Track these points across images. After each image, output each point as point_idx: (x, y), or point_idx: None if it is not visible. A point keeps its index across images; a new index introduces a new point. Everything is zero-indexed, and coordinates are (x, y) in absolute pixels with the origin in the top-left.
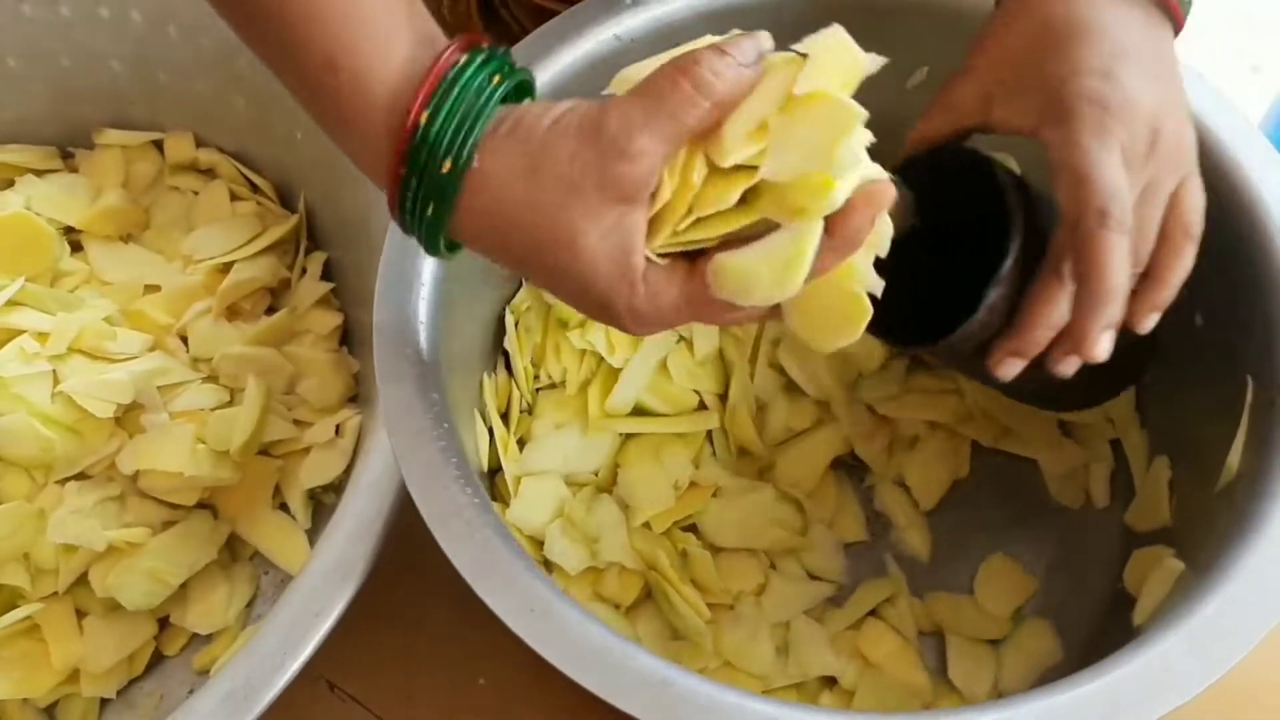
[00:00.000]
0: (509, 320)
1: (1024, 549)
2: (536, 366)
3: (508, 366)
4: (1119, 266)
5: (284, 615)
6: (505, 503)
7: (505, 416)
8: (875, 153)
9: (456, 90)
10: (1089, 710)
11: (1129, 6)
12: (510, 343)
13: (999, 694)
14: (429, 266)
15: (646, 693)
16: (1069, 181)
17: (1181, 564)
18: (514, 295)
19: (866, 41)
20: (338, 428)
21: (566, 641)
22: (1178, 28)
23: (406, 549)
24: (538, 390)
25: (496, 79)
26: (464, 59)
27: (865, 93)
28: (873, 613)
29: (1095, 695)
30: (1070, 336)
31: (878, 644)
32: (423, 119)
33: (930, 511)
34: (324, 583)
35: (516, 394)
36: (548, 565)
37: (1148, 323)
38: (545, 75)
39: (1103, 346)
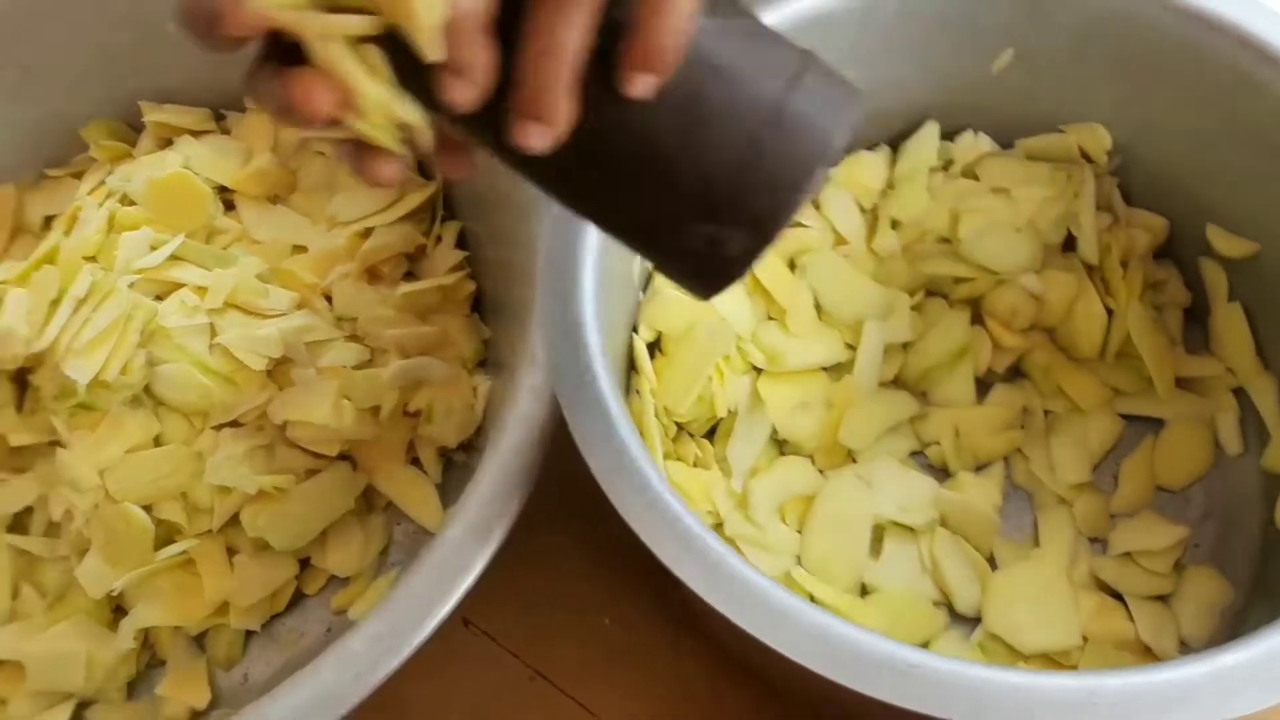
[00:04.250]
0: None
1: (1166, 504)
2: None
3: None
4: None
5: (430, 565)
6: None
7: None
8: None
9: None
10: None
11: None
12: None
13: (1185, 646)
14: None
15: (892, 676)
16: None
17: None
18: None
19: (952, 27)
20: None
21: (800, 633)
22: None
23: (543, 493)
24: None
25: None
26: None
27: (951, 77)
28: None
29: None
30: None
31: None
32: None
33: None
34: (469, 537)
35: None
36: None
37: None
38: None
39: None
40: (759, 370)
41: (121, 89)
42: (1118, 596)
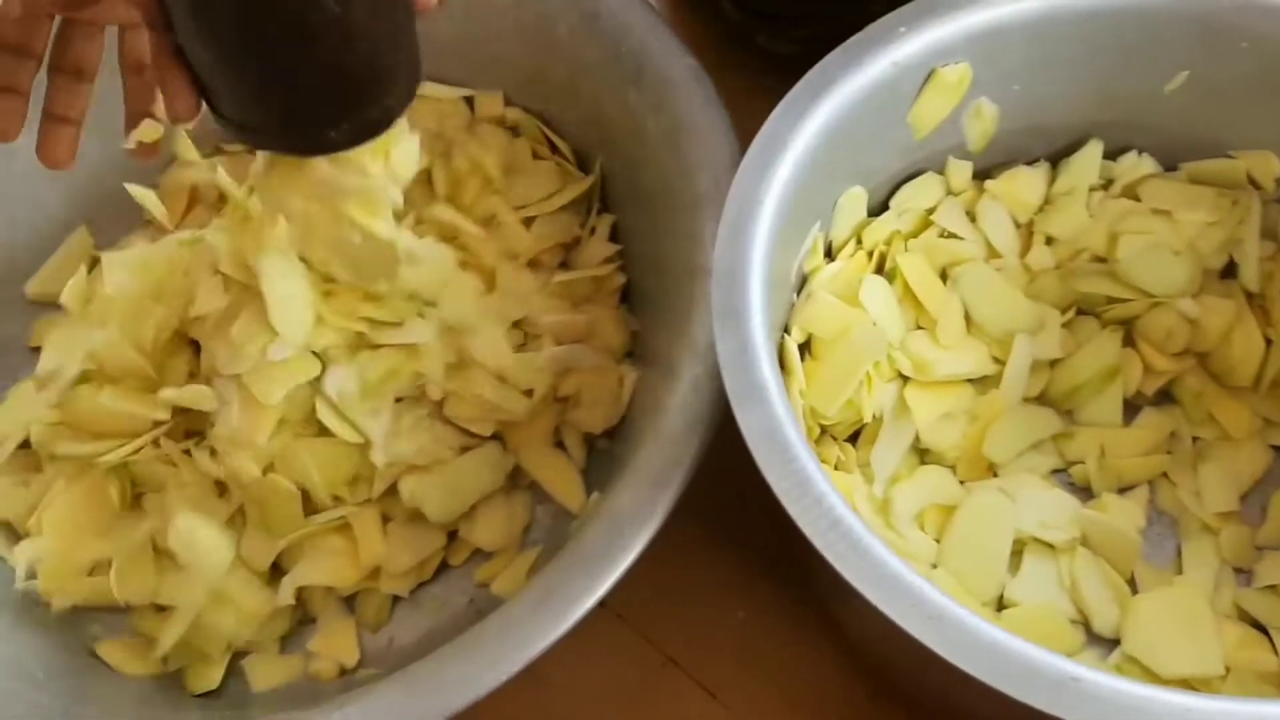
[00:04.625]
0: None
1: None
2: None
3: None
4: None
5: (591, 544)
6: None
7: None
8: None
9: None
10: None
11: None
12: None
13: None
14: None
15: (1055, 689)
16: None
17: None
18: None
19: (1127, 47)
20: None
21: (967, 641)
22: None
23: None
24: None
25: None
26: None
27: (1119, 95)
28: None
29: None
30: None
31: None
32: None
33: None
34: (628, 520)
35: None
36: None
37: None
38: (829, 105)
39: None
40: (906, 378)
41: None
42: (1261, 629)
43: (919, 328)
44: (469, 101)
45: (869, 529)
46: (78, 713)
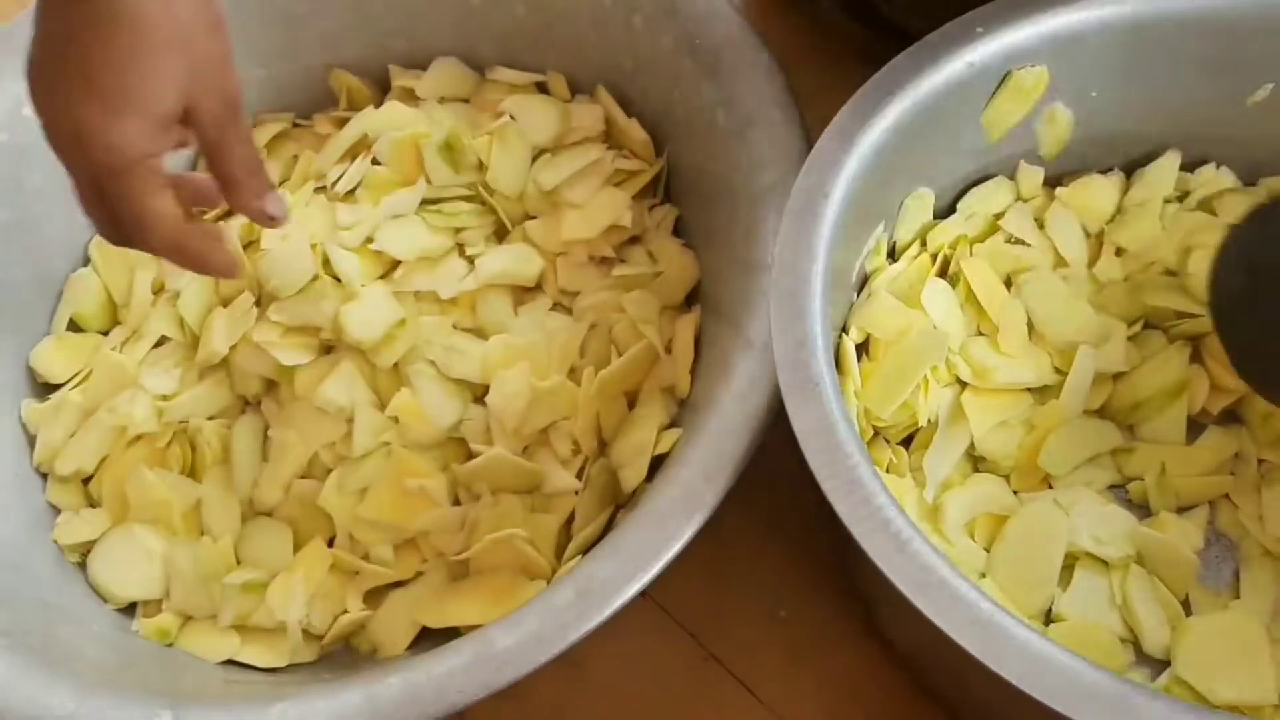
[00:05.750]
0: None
1: None
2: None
3: None
4: None
5: (637, 533)
6: None
7: None
8: None
9: None
10: None
11: None
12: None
13: None
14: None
15: (1104, 706)
16: None
17: None
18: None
19: (1211, 58)
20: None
21: (1012, 651)
22: None
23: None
24: None
25: None
26: None
27: (1198, 106)
28: None
29: None
30: None
31: None
32: None
33: None
34: (676, 511)
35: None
36: None
37: None
38: (901, 103)
39: None
40: (963, 384)
41: (374, 49)
42: None
43: (980, 333)
44: (539, 86)
45: (918, 533)
46: None
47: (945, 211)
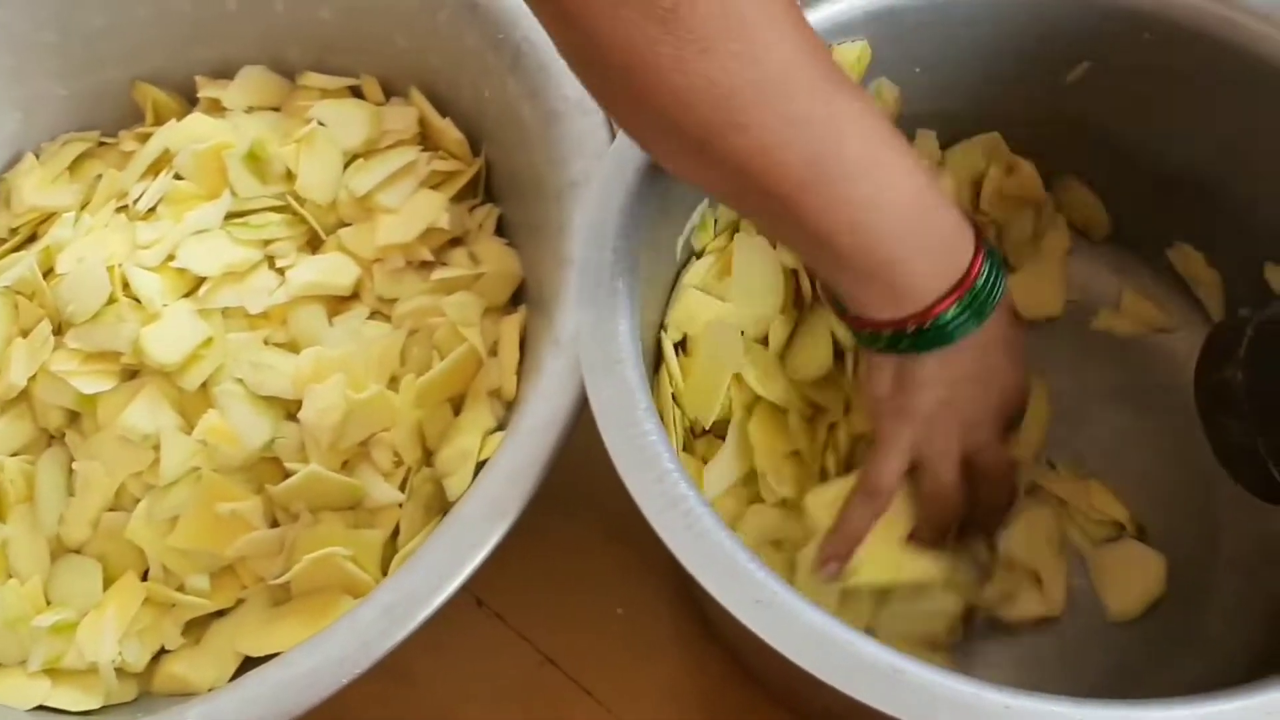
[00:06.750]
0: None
1: None
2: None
3: None
4: None
5: (443, 541)
6: None
7: None
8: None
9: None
10: None
11: None
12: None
13: None
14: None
15: (878, 681)
16: None
17: None
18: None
19: (1024, 37)
20: None
21: (795, 630)
22: None
23: (564, 480)
24: None
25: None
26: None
27: (1029, 88)
28: None
29: None
30: None
31: None
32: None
33: None
34: (482, 516)
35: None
36: None
37: None
38: None
39: None
40: None
41: (180, 60)
42: None
43: None
44: (354, 91)
45: (710, 510)
46: None
47: None
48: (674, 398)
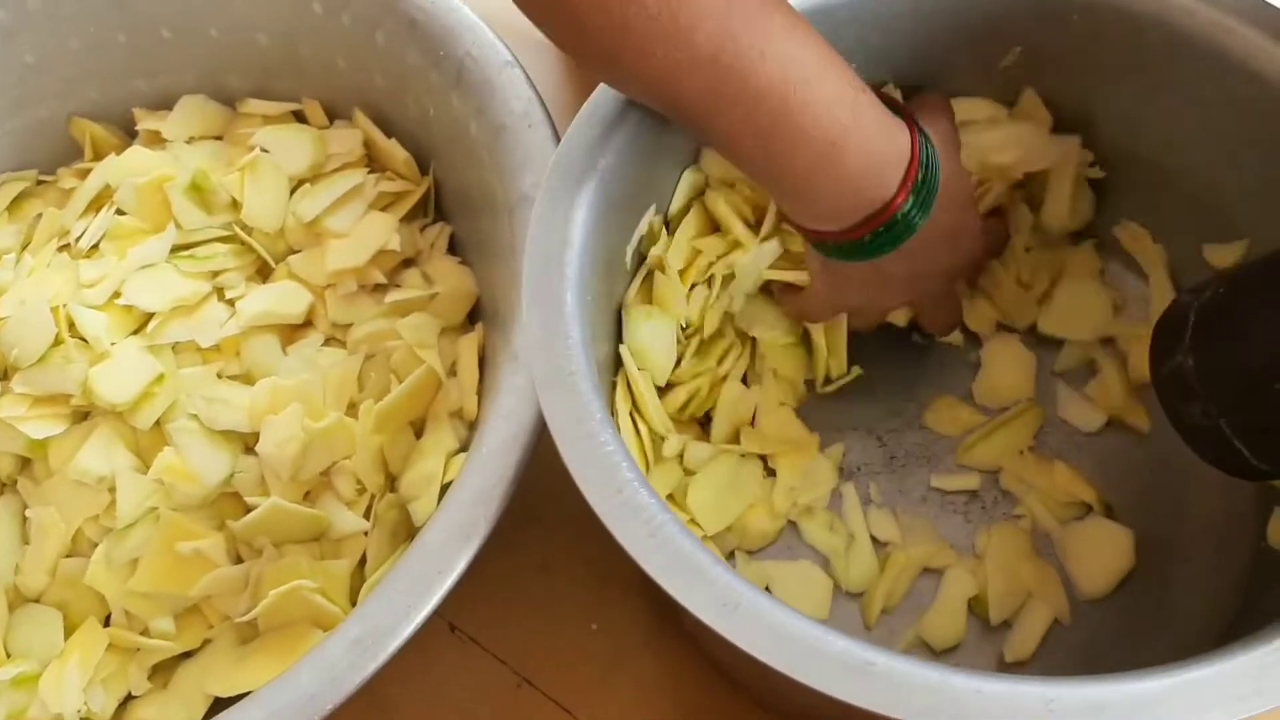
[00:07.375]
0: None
1: None
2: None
3: None
4: None
5: (410, 569)
6: None
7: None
8: None
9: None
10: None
11: None
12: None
13: None
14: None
15: (849, 675)
16: None
17: None
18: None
19: (955, 22)
20: None
21: (763, 631)
22: None
23: (531, 498)
24: None
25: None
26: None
27: (958, 71)
28: None
29: None
30: None
31: None
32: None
33: None
34: (448, 541)
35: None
36: None
37: None
38: None
39: None
40: None
41: (117, 93)
42: None
43: None
44: (297, 115)
45: (671, 516)
46: None
47: None
48: (634, 405)
